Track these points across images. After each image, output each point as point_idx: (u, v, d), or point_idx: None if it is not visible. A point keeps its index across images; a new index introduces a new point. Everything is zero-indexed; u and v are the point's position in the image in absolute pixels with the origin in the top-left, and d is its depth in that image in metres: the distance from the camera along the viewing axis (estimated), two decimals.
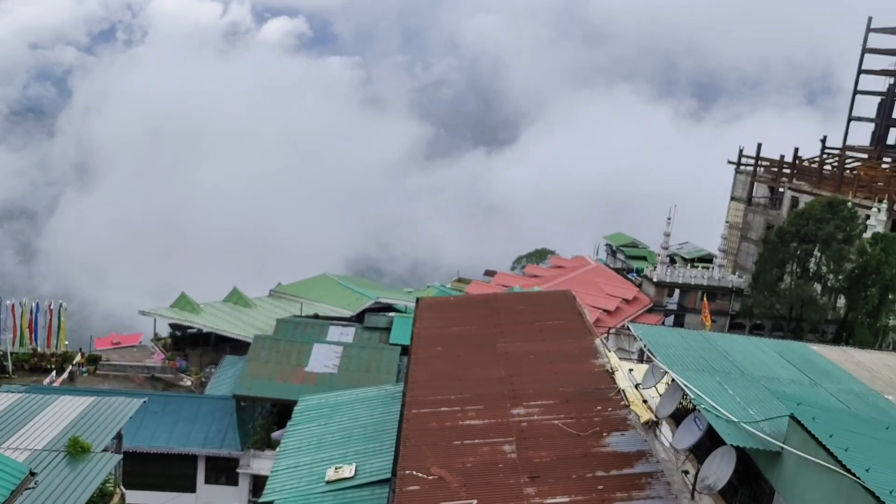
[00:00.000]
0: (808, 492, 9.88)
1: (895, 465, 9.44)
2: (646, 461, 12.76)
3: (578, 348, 17.92)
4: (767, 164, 68.13)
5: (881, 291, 41.35)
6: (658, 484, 12.14)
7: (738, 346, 15.46)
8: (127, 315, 68.15)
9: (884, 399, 13.65)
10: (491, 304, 22.27)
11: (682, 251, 70.31)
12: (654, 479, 12.29)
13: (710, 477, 11.23)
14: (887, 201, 52.82)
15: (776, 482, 10.77)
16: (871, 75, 79.92)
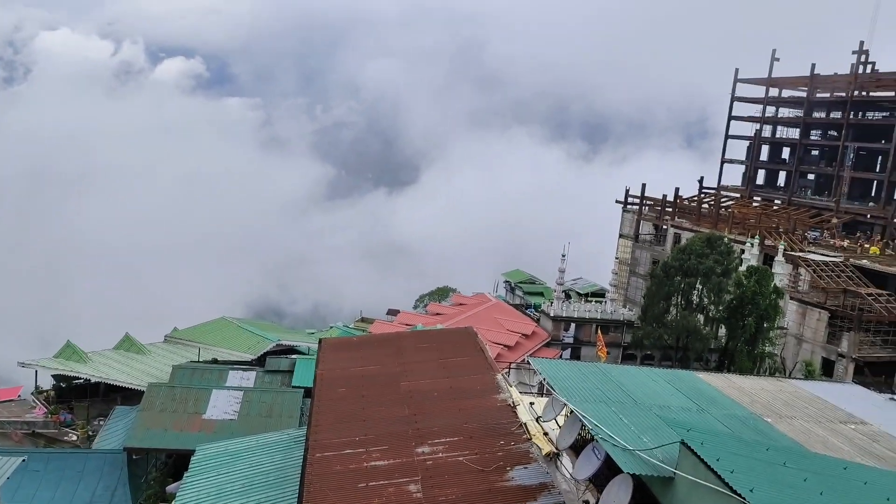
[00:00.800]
0: None
1: (776, 483, 10.15)
2: (548, 493, 13.07)
3: (481, 384, 18.20)
4: (651, 203, 72.12)
5: (757, 320, 44.24)
6: None
7: (632, 376, 16.19)
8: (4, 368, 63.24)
9: (763, 421, 14.63)
10: (394, 343, 22.30)
11: (576, 286, 72.88)
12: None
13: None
14: (759, 237, 56.99)
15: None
16: (740, 121, 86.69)
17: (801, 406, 15.71)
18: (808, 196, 77.74)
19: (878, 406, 16.91)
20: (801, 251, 56.46)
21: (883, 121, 73.53)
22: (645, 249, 69.04)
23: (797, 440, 13.52)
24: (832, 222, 67.79)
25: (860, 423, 15.00)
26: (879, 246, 60.33)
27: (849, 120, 74.56)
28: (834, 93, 79.18)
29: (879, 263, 54.18)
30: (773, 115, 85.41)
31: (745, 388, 16.79)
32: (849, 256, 55.56)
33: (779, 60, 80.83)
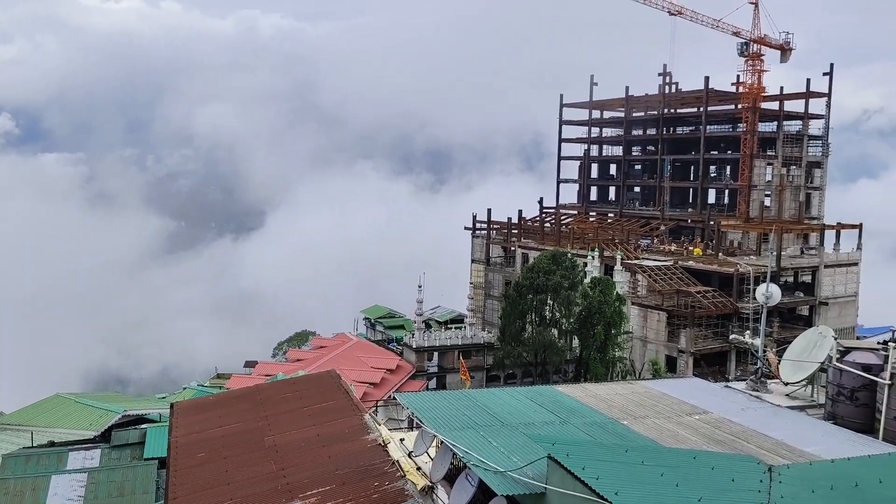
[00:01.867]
0: None
1: (637, 483, 10.69)
2: None
3: (348, 427, 17.82)
4: (498, 226, 74.89)
5: (605, 328, 46.98)
6: None
7: (496, 398, 16.52)
8: None
9: (620, 424, 15.43)
10: (254, 396, 21.35)
11: (435, 315, 73.77)
12: None
13: None
14: (598, 249, 60.75)
15: None
16: (570, 143, 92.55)
17: (651, 405, 16.74)
18: (637, 207, 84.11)
19: (715, 395, 18.41)
20: (636, 259, 60.81)
21: (690, 134, 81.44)
22: (497, 272, 71.36)
23: (652, 437, 14.38)
24: (660, 229, 73.71)
25: (703, 412, 16.24)
26: (701, 247, 66.31)
27: (662, 135, 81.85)
28: (648, 111, 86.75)
29: (703, 263, 59.51)
30: (598, 135, 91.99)
31: (601, 395, 17.64)
32: (677, 259, 60.59)
33: (597, 84, 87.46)
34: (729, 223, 69.17)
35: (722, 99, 78.86)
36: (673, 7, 74.68)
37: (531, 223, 77.30)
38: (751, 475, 11.34)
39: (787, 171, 74.83)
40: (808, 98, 74.50)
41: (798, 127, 77.29)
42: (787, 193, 73.74)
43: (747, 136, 72.09)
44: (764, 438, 14.70)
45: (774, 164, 74.07)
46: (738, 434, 14.86)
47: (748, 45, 72.77)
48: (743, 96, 73.88)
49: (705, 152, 77.00)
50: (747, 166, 72.12)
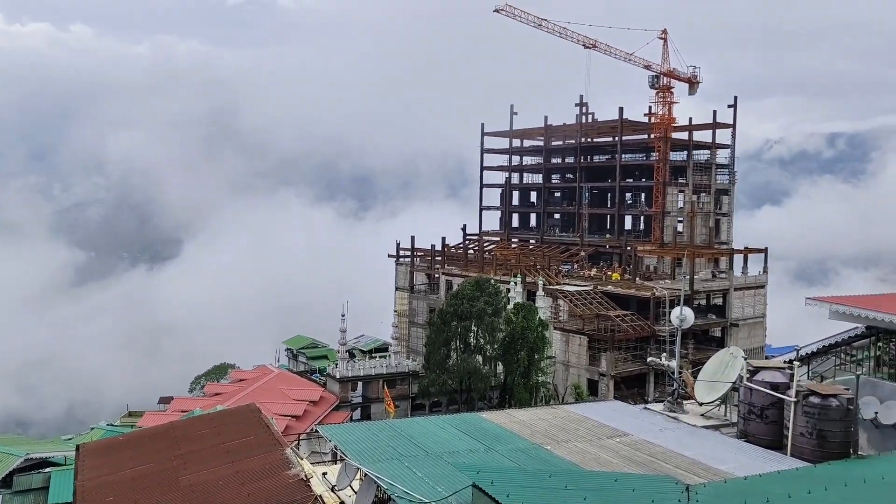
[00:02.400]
0: None
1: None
2: None
3: (269, 462, 17.25)
4: (422, 254, 75.01)
5: (528, 353, 47.51)
6: None
7: (420, 427, 16.36)
8: None
9: (544, 450, 15.53)
10: (169, 434, 20.42)
11: (359, 344, 72.90)
12: None
13: None
14: (520, 275, 61.64)
15: None
16: (491, 171, 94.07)
17: (573, 429, 16.95)
18: (557, 234, 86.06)
19: (635, 417, 18.83)
20: (558, 284, 62.00)
21: (606, 163, 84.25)
22: (421, 299, 71.29)
23: (574, 461, 14.53)
24: (579, 255, 75.53)
25: (623, 435, 16.55)
26: (619, 272, 68.28)
27: (580, 164, 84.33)
28: (566, 140, 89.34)
29: (621, 287, 61.23)
30: (519, 163, 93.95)
31: (525, 420, 17.74)
32: (596, 284, 62.13)
33: (517, 114, 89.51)
34: (644, 248, 71.62)
35: (636, 129, 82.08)
36: (587, 41, 77.54)
37: (455, 250, 77.83)
38: (669, 495, 11.60)
39: (698, 198, 78.31)
40: (714, 129, 78.45)
41: (707, 156, 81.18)
42: (698, 219, 77.09)
43: (660, 164, 75.15)
44: (681, 458, 15.09)
45: (685, 192, 77.39)
46: (656, 455, 15.20)
47: (658, 77, 76.22)
48: (655, 126, 77.12)
49: (621, 180, 79.79)
50: (660, 193, 75.07)
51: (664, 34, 75.76)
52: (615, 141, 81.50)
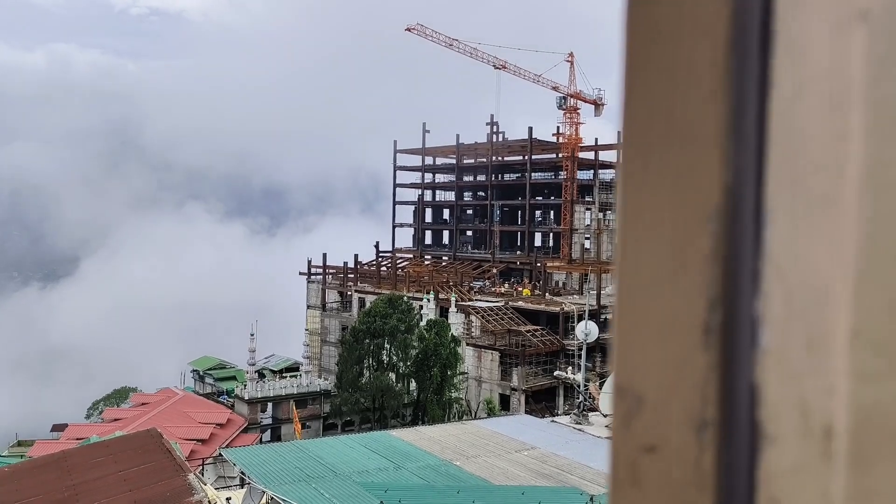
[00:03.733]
0: None
1: None
2: None
3: (170, 489, 16.57)
4: (334, 271, 74.20)
5: (441, 370, 47.69)
6: None
7: (329, 447, 16.17)
8: None
9: (454, 466, 15.65)
10: (60, 463, 19.28)
11: (269, 364, 71.09)
12: None
13: None
14: (433, 292, 61.96)
15: None
16: (405, 188, 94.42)
17: (483, 444, 17.16)
18: (469, 251, 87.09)
19: (543, 430, 19.26)
20: (470, 300, 62.68)
21: (517, 181, 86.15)
22: (333, 317, 70.43)
23: (483, 476, 14.70)
24: (491, 272, 76.68)
25: (531, 448, 16.89)
26: (529, 288, 69.74)
27: (492, 182, 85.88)
28: (478, 158, 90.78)
29: (532, 303, 62.54)
30: (431, 180, 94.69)
31: (436, 437, 17.82)
32: (507, 300, 63.22)
33: (429, 132, 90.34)
34: (554, 265, 73.48)
35: (545, 148, 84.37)
36: (497, 62, 79.37)
37: (368, 267, 77.44)
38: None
39: (604, 216, 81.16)
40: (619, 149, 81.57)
41: (612, 175, 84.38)
42: (605, 236, 79.85)
43: (568, 182, 77.49)
44: (586, 469, 15.53)
45: (593, 209, 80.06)
46: (563, 467, 15.59)
47: (566, 99, 78.80)
48: (563, 146, 79.56)
49: (531, 198, 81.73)
50: (569, 211, 77.34)
51: (571, 57, 78.50)
52: (525, 160, 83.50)
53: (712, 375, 0.61)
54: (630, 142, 0.67)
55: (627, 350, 0.66)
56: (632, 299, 0.65)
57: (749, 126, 0.59)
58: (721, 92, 0.59)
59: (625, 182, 0.68)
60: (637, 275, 0.65)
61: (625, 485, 0.66)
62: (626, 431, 0.66)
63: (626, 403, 0.66)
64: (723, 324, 0.61)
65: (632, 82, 0.65)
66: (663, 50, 0.61)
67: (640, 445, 0.65)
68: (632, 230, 0.65)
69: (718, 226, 0.61)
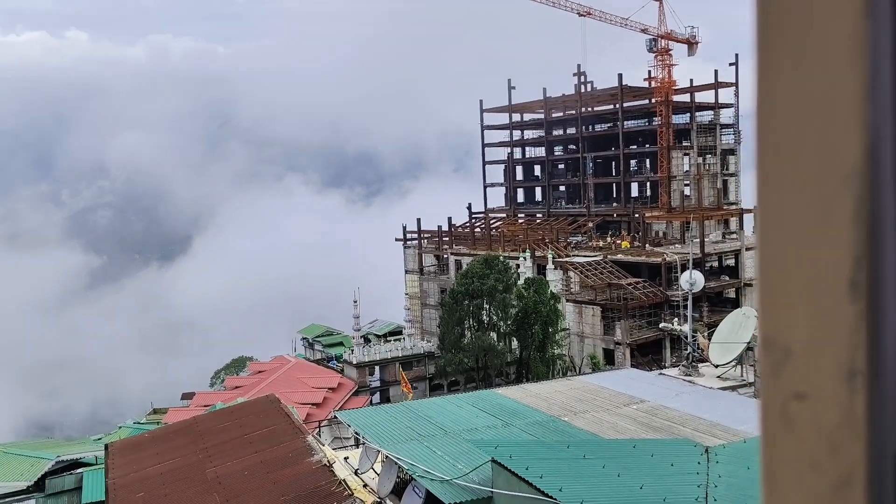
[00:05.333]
0: None
1: (580, 478, 10.91)
2: None
3: (291, 450, 17.52)
4: (429, 235, 75.05)
5: (542, 327, 47.66)
6: None
7: (438, 407, 16.56)
8: None
9: (561, 421, 15.71)
10: (192, 429, 20.76)
11: (373, 329, 73.25)
12: None
13: None
14: (529, 250, 61.66)
15: None
16: (493, 147, 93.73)
17: (590, 399, 17.11)
18: (563, 206, 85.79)
19: (651, 383, 18.96)
20: (567, 256, 62.01)
21: (609, 131, 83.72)
22: (431, 280, 71.48)
23: (592, 431, 14.69)
24: (587, 226, 75.38)
25: (640, 401, 16.69)
26: (628, 240, 68.16)
27: (583, 134, 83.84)
28: (566, 111, 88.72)
29: (632, 255, 61.18)
30: (520, 137, 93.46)
31: (542, 394, 17.91)
32: (606, 254, 62.09)
33: (515, 88, 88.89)
34: (652, 214, 71.37)
35: (636, 94, 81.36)
36: (581, 8, 76.74)
37: (462, 229, 77.82)
38: (689, 458, 11.73)
39: (704, 160, 77.78)
40: (717, 88, 77.67)
41: (710, 117, 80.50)
42: (705, 182, 76.63)
43: (663, 129, 74.62)
44: (699, 421, 15.22)
45: (691, 154, 76.87)
46: (674, 419, 15.34)
47: (656, 41, 75.43)
48: (655, 91, 76.45)
49: (625, 147, 79.30)
50: (665, 158, 74.62)
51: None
52: (616, 108, 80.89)
53: (860, 326, 0.64)
54: (766, 107, 0.69)
55: (773, 305, 0.70)
56: (776, 258, 0.69)
57: (885, 88, 0.61)
58: (858, 54, 0.61)
59: (763, 145, 0.70)
60: (780, 235, 0.68)
61: (777, 430, 0.70)
62: (776, 380, 0.70)
63: (775, 354, 0.70)
64: (868, 279, 0.64)
65: (766, 44, 0.67)
66: (799, 12, 0.63)
67: (791, 393, 0.69)
68: (773, 190, 0.68)
69: (859, 186, 0.63)
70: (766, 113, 0.69)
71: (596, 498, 9.81)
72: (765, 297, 0.72)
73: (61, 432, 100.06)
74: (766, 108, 0.70)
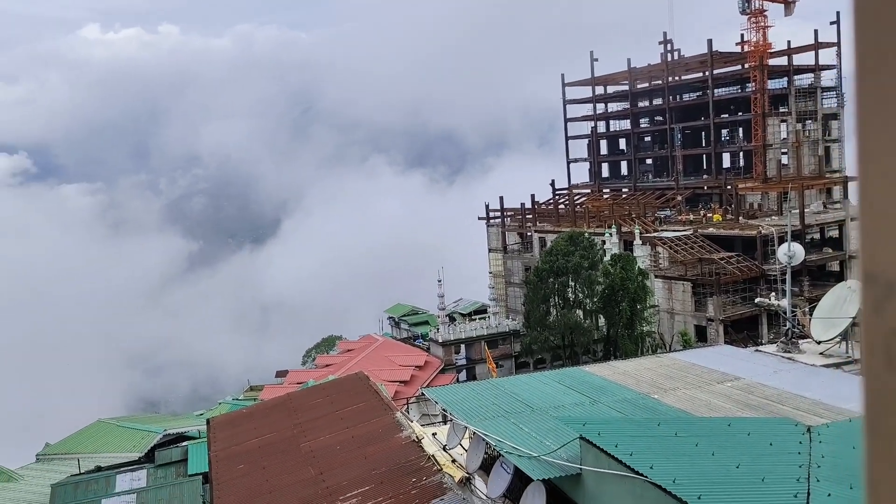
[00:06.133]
0: (611, 501, 10.75)
1: (672, 456, 10.62)
2: None
3: (382, 426, 17.90)
4: (512, 213, 74.60)
5: (630, 304, 46.68)
6: None
7: (524, 384, 16.49)
8: None
9: (651, 399, 15.33)
10: (287, 404, 21.55)
11: (458, 307, 73.72)
12: None
13: None
14: (615, 226, 60.35)
15: (584, 501, 11.55)
16: (576, 122, 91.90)
17: (681, 376, 16.62)
18: (651, 180, 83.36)
19: (745, 360, 18.23)
20: (655, 231, 60.34)
21: (698, 100, 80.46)
22: (515, 259, 71.17)
23: (683, 409, 14.27)
24: (676, 200, 73.03)
25: (734, 379, 16.08)
26: (720, 213, 65.61)
27: (670, 104, 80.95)
28: (652, 81, 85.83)
29: (724, 229, 58.90)
30: (604, 111, 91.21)
31: (630, 371, 17.54)
32: (696, 228, 60.02)
33: (598, 60, 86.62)
34: (747, 185, 68.36)
35: (727, 60, 77.76)
36: None
37: (545, 206, 76.94)
38: (789, 437, 11.21)
39: (803, 127, 73.71)
40: (817, 49, 73.15)
41: (810, 80, 76.03)
42: (805, 149, 72.67)
43: (757, 95, 71.09)
44: (800, 399, 14.52)
45: (788, 121, 72.99)
46: (771, 397, 14.70)
47: (749, 1, 71.63)
48: (749, 55, 72.79)
49: (715, 116, 76.07)
50: (760, 126, 71.16)
51: None
52: (705, 76, 77.61)
53: None
54: (865, 66, 0.68)
55: (875, 239, 0.68)
56: (877, 191, 0.68)
57: None
58: None
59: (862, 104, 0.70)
60: (881, 167, 0.68)
61: (879, 367, 0.68)
62: (878, 317, 0.68)
63: (877, 290, 0.68)
64: None
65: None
66: None
67: (894, 330, 0.67)
68: (872, 120, 0.68)
69: None
70: (864, 73, 0.68)
71: (689, 476, 9.53)
72: (866, 232, 0.69)
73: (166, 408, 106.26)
74: (863, 70, 0.69)
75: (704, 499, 8.71)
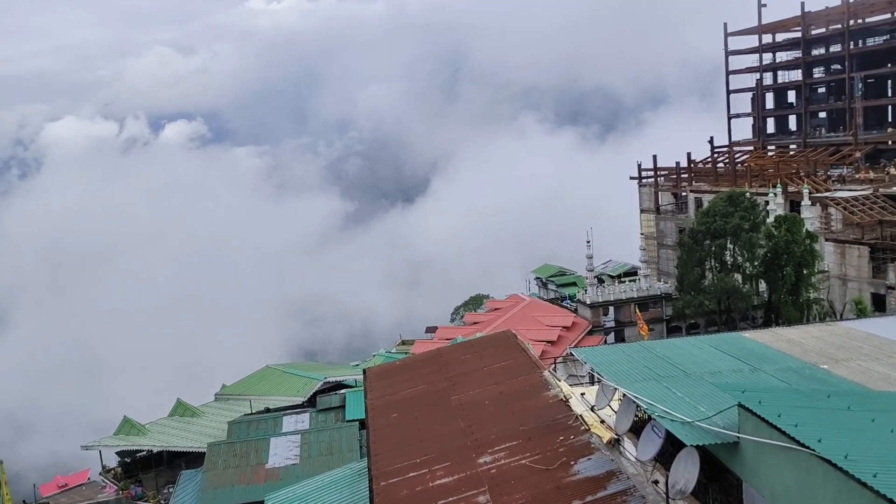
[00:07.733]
0: (772, 473, 10.27)
1: (843, 429, 9.94)
2: (617, 480, 12.95)
3: (529, 384, 18.11)
4: (666, 172, 71.43)
5: (795, 269, 43.55)
6: (633, 500, 12.32)
7: (677, 348, 16.01)
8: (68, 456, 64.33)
9: (819, 369, 14.36)
10: (437, 359, 22.31)
11: (607, 269, 72.30)
12: (628, 496, 12.47)
13: (680, 481, 11.49)
14: (780, 185, 56.18)
15: (741, 472, 11.13)
16: (739, 74, 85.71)
17: (855, 346, 15.40)
18: (823, 135, 76.46)
19: None
20: (827, 191, 55.57)
21: (885, 45, 72.15)
22: (668, 220, 68.38)
23: (858, 382, 13.25)
24: (854, 156, 66.64)
25: None
26: None
27: (850, 50, 73.32)
28: (829, 26, 77.96)
29: None
30: (770, 61, 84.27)
31: (794, 339, 16.50)
32: (877, 187, 54.54)
33: (766, 6, 79.87)
34: None
35: None
36: None
37: (703, 165, 72.94)
38: None
39: None
40: None
41: None
42: None
43: None
44: None
45: None
46: None
47: None
48: None
49: None
50: None
51: None
52: (894, 17, 69.35)
53: None
54: None
55: None
56: None
57: None
58: None
59: None
60: None
61: None
62: None
63: None
64: None
65: None
66: None
67: None
68: None
69: None
70: None
71: (864, 453, 8.88)
72: None
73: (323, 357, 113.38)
74: None
75: (881, 477, 8.11)
